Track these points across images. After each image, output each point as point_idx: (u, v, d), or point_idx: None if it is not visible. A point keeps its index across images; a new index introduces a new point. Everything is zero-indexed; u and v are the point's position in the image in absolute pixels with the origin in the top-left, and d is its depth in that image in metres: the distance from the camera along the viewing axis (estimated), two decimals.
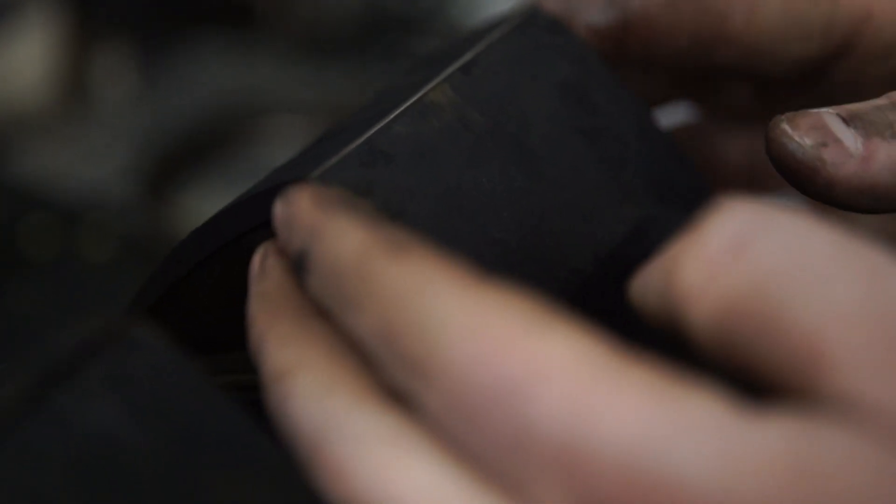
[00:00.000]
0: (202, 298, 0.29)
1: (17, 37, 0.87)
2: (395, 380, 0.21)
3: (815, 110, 0.28)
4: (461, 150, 0.27)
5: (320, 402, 0.22)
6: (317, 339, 0.23)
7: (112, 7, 0.95)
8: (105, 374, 0.20)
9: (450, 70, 0.29)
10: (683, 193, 0.31)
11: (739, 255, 0.21)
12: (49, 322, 0.72)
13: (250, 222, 0.27)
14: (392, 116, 0.27)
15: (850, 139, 0.27)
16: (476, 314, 0.20)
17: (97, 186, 0.82)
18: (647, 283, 0.23)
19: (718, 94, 0.36)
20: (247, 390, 0.29)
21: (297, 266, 0.24)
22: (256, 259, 0.25)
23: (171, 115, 0.90)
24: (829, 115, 0.27)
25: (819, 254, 0.20)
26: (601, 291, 0.28)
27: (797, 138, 0.27)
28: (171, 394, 0.21)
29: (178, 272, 0.29)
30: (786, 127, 0.28)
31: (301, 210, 0.24)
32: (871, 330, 0.19)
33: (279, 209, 0.24)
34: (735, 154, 0.37)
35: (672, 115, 0.38)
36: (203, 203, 0.82)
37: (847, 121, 0.27)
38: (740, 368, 0.21)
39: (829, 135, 0.27)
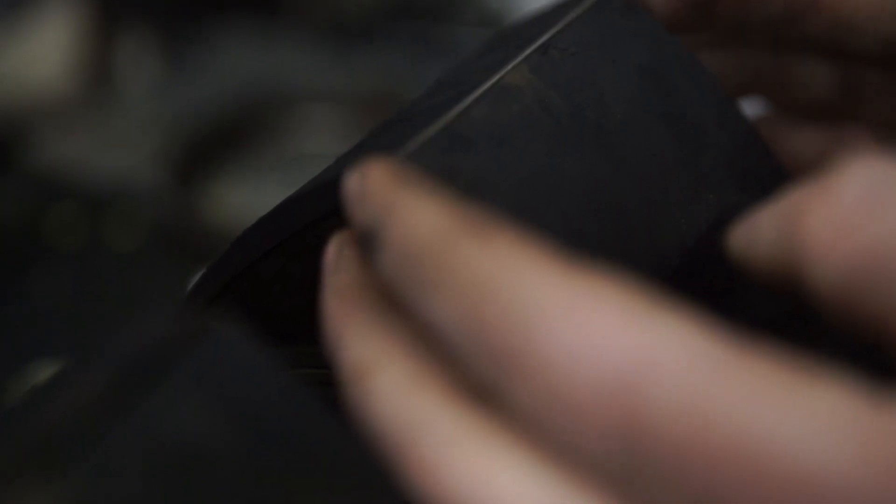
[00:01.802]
0: (267, 290, 0.28)
1: (41, 25, 0.86)
2: (479, 373, 0.20)
3: None
4: (542, 135, 0.26)
5: (405, 400, 0.20)
6: (398, 335, 0.21)
7: None
8: (190, 373, 0.19)
9: (527, 51, 0.28)
10: (764, 181, 0.30)
11: (877, 208, 0.19)
12: (76, 312, 0.71)
13: (320, 210, 0.25)
14: (470, 100, 0.26)
15: None
16: (574, 301, 0.19)
17: (124, 174, 0.81)
18: (759, 231, 0.21)
19: (797, 80, 0.35)
20: (314, 386, 0.28)
21: (367, 244, 0.22)
22: (331, 250, 0.24)
23: (197, 103, 0.89)
24: None
25: None
26: (689, 282, 0.27)
27: None
28: (261, 395, 0.19)
29: (243, 261, 0.27)
30: None
31: (377, 183, 0.22)
32: None
33: (353, 182, 0.23)
34: (807, 152, 0.35)
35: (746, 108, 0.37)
36: (230, 191, 0.81)
37: None
38: (869, 329, 0.20)
39: None
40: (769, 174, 0.30)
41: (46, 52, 0.86)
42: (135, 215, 0.77)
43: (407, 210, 0.21)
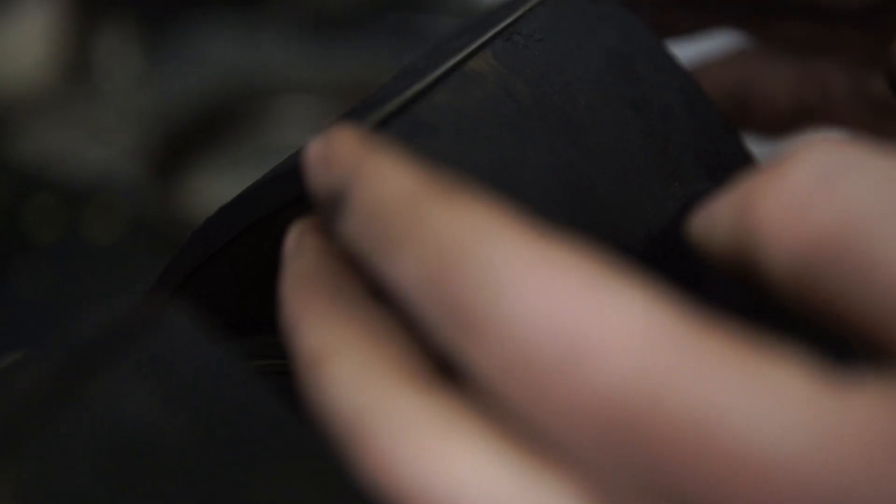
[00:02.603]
0: (229, 279, 0.28)
1: (19, 16, 0.85)
2: (441, 339, 0.19)
3: None
4: (506, 122, 0.26)
5: (360, 387, 0.20)
6: (355, 321, 0.21)
7: None
8: (140, 360, 0.19)
9: (491, 37, 0.27)
10: (733, 170, 0.30)
11: (829, 191, 0.19)
12: (55, 305, 0.71)
13: (282, 198, 0.25)
14: (433, 86, 0.26)
15: None
16: (539, 266, 0.18)
17: (102, 167, 0.81)
18: (716, 218, 0.21)
19: (770, 29, 0.34)
20: (274, 376, 0.27)
21: (331, 210, 0.21)
22: (291, 237, 0.24)
23: (177, 95, 0.89)
24: None
25: None
26: (655, 271, 0.27)
27: None
28: (210, 382, 0.19)
29: (204, 251, 0.27)
30: None
31: (342, 147, 0.22)
32: None
33: (316, 148, 0.22)
34: (783, 87, 0.35)
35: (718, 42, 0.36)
36: (210, 183, 0.81)
37: None
38: (822, 313, 0.19)
39: None
40: (737, 162, 0.30)
41: (25, 45, 0.85)
42: (114, 208, 0.76)
43: (374, 172, 0.21)
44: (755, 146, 0.31)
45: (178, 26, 0.97)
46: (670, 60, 0.30)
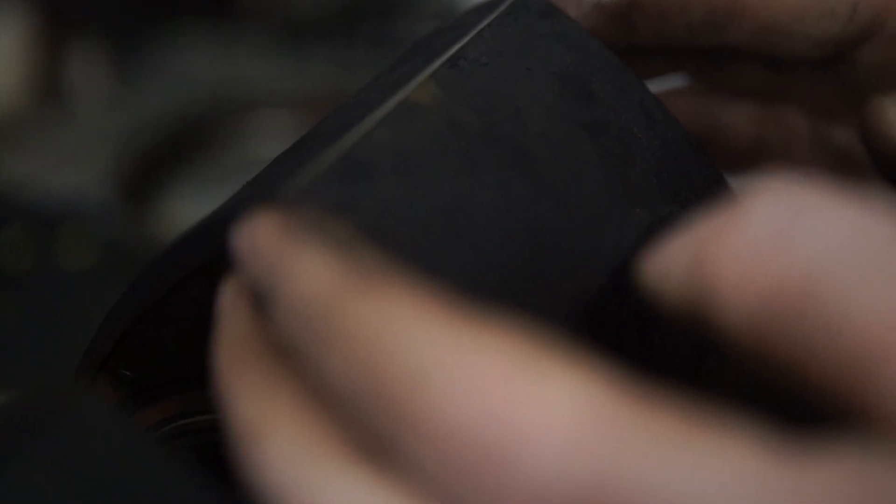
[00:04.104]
0: (168, 334, 0.26)
1: None
2: (372, 429, 0.19)
3: None
4: (452, 157, 0.24)
5: (291, 463, 0.20)
6: (288, 394, 0.20)
7: (85, 3, 0.92)
8: (48, 455, 0.17)
9: (435, 64, 0.26)
10: (698, 187, 0.28)
11: (787, 242, 0.18)
12: (30, 335, 0.69)
13: (212, 251, 0.24)
14: (372, 122, 0.24)
15: None
16: (466, 356, 0.18)
17: (74, 192, 0.79)
18: (669, 267, 0.20)
19: (726, 72, 0.33)
20: (209, 432, 0.26)
21: (260, 300, 0.21)
22: (226, 297, 0.23)
23: (149, 114, 0.87)
24: None
25: (874, 243, 0.18)
26: (614, 304, 0.25)
27: None
28: (123, 474, 0.17)
29: (137, 308, 0.26)
30: (892, 112, 0.25)
31: (264, 240, 0.21)
32: None
33: (240, 239, 0.22)
34: (743, 122, 0.34)
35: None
36: (186, 204, 0.79)
37: None
38: (780, 369, 0.19)
39: None
40: (704, 181, 0.28)
41: None
42: (87, 234, 0.75)
43: (296, 268, 0.20)
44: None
45: (149, 42, 0.96)
46: (628, 77, 0.28)
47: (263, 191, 0.23)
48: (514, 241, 0.24)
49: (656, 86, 0.33)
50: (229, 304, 0.23)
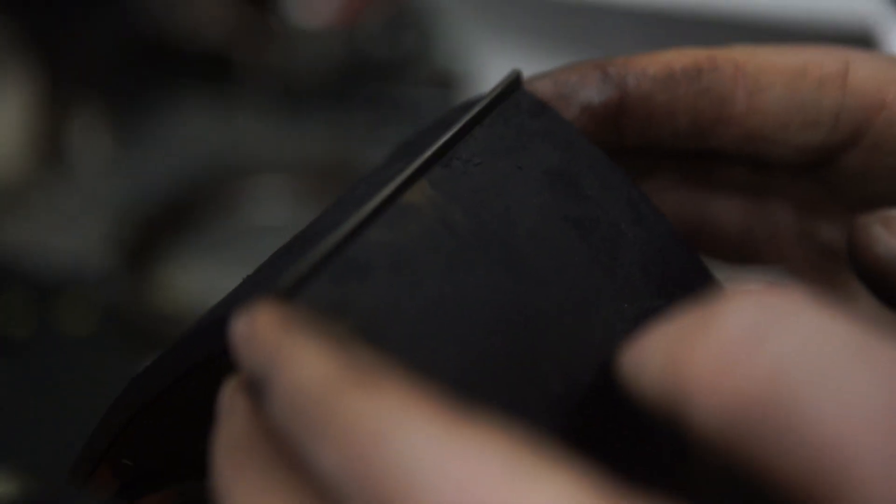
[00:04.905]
0: (169, 426, 0.27)
1: None
2: None
3: None
4: (443, 257, 0.25)
5: None
6: (286, 493, 0.21)
7: (85, 69, 0.93)
8: None
9: (428, 164, 0.27)
10: (684, 282, 0.29)
11: (756, 347, 0.19)
12: (30, 401, 0.69)
13: (214, 347, 0.24)
14: (368, 223, 0.25)
15: None
16: (454, 458, 0.19)
17: (74, 257, 0.80)
18: (645, 364, 0.21)
19: (712, 172, 0.34)
20: None
21: (256, 392, 0.22)
22: (225, 394, 0.23)
23: (150, 179, 0.88)
24: None
25: (841, 350, 0.19)
26: (601, 401, 0.26)
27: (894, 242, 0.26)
28: None
29: (141, 399, 0.26)
30: (878, 230, 0.26)
31: (263, 330, 0.22)
32: None
33: (240, 327, 0.22)
34: (733, 214, 0.35)
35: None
36: (185, 271, 0.80)
37: None
38: (750, 470, 0.19)
39: None
40: (690, 275, 0.29)
41: None
42: (87, 300, 0.76)
43: (292, 360, 0.21)
44: None
45: (149, 107, 0.97)
46: (616, 174, 0.29)
47: (260, 287, 0.24)
48: (503, 337, 0.25)
49: (643, 182, 0.34)
50: (228, 400, 0.23)
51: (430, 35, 0.98)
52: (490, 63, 0.72)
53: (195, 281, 0.78)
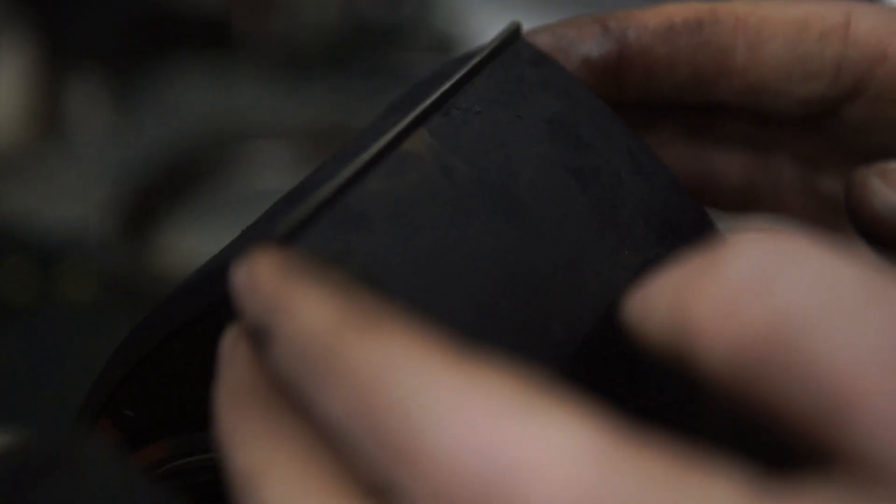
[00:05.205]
0: (170, 376, 0.27)
1: None
2: (371, 468, 0.19)
3: None
4: (443, 205, 0.25)
5: None
6: (288, 439, 0.21)
7: (84, 36, 0.93)
8: (49, 499, 0.18)
9: (428, 113, 0.27)
10: (685, 231, 0.29)
11: (763, 289, 0.19)
12: (32, 369, 0.70)
13: (214, 296, 0.24)
14: (366, 171, 0.25)
15: None
16: (464, 395, 0.18)
17: (74, 225, 0.80)
18: (651, 309, 0.21)
19: (714, 125, 0.34)
20: (214, 471, 0.27)
21: (258, 340, 0.22)
22: (226, 343, 0.23)
23: (149, 146, 0.88)
24: None
25: (849, 291, 0.19)
26: (602, 345, 0.26)
27: (892, 195, 0.26)
28: None
29: (141, 350, 0.26)
30: (876, 182, 0.26)
31: (264, 277, 0.22)
32: None
33: (241, 276, 0.22)
34: (735, 165, 0.35)
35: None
36: (185, 236, 0.80)
37: None
38: (759, 411, 0.19)
39: None
40: (691, 224, 0.29)
41: None
42: (87, 267, 0.76)
43: (295, 305, 0.21)
44: None
45: (148, 74, 0.97)
46: (616, 124, 0.29)
47: (261, 236, 0.24)
48: (504, 285, 0.25)
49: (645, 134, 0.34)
50: (230, 348, 0.23)
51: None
52: (489, 27, 0.71)
53: (195, 246, 0.78)
